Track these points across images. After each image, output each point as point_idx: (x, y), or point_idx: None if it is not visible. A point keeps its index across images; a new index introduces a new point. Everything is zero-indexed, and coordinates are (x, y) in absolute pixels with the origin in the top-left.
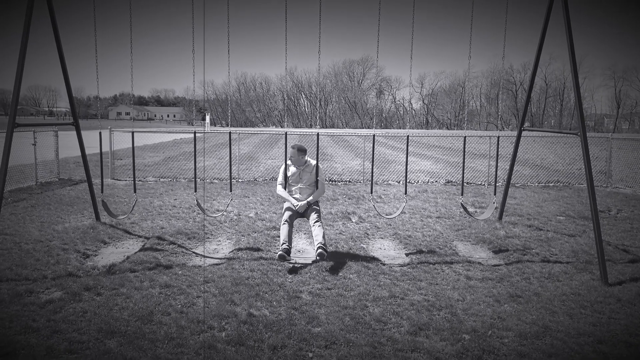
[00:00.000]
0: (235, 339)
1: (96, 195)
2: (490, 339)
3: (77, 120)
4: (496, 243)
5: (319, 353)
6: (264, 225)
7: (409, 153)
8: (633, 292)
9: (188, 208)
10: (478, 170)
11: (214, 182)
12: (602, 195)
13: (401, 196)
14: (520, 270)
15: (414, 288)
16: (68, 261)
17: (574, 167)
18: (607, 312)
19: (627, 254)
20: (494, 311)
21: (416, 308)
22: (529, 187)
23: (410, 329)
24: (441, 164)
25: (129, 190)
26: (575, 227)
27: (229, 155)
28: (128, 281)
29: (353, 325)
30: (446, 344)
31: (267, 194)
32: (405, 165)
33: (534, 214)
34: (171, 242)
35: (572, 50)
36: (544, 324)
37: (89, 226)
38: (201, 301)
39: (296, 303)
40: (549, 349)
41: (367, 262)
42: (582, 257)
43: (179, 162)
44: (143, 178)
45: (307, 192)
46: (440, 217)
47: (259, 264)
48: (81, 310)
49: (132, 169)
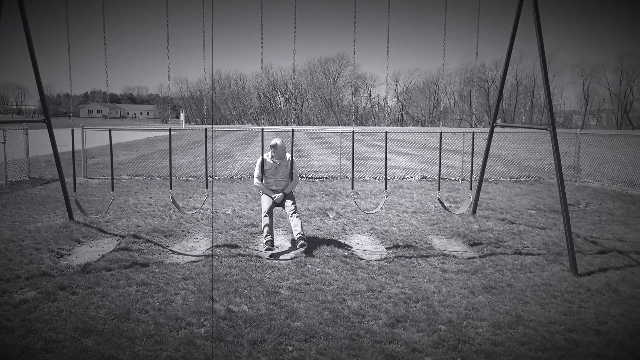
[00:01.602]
0: (214, 334)
1: (69, 194)
2: (465, 329)
3: (48, 118)
4: (470, 237)
5: (298, 347)
6: (241, 222)
7: (381, 149)
8: (602, 282)
9: (164, 206)
10: (452, 166)
11: (190, 179)
12: (571, 189)
13: (377, 192)
14: (493, 263)
15: (391, 282)
16: (41, 261)
17: (544, 162)
18: (577, 302)
19: (595, 245)
20: (469, 302)
21: (393, 301)
22: (501, 182)
23: (387, 322)
24: (416, 160)
25: (102, 188)
26: (545, 220)
27: (204, 152)
28: (104, 280)
29: (332, 319)
30: (423, 335)
31: (244, 191)
32: (384, 162)
33: (506, 208)
34: (147, 240)
35: (542, 49)
36: (516, 313)
37: (62, 225)
38: (179, 298)
39: (275, 298)
40: (522, 337)
41: (345, 257)
42: (553, 249)
43: (154, 160)
44: (117, 176)
45: (283, 183)
46: (416, 212)
47: (237, 261)
48: (56, 309)
49: (111, 167)
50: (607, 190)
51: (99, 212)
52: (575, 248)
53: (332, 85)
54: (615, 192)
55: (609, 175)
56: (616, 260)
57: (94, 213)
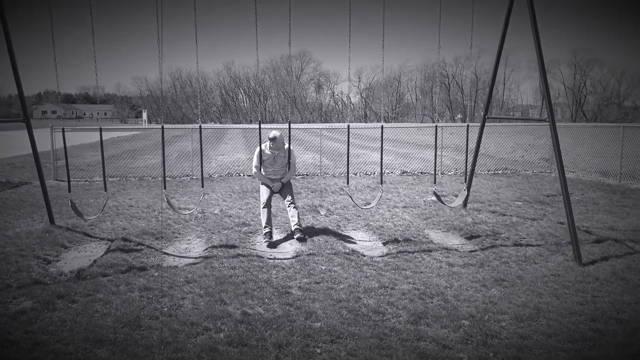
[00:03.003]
0: (235, 339)
1: (63, 195)
2: (488, 323)
3: (28, 118)
4: (466, 230)
5: (326, 348)
6: (232, 222)
7: (355, 145)
8: (608, 271)
9: (147, 207)
10: (429, 160)
11: (166, 179)
12: (549, 181)
13: (362, 188)
14: (497, 255)
15: (400, 277)
16: (30, 268)
17: (516, 155)
18: (590, 291)
19: (589, 234)
20: (484, 296)
21: (408, 297)
22: (480, 175)
23: (409, 319)
24: (391, 155)
25: (76, 191)
26: (534, 211)
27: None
28: (102, 286)
29: (353, 318)
30: (448, 331)
31: (227, 190)
32: (360, 158)
33: (494, 200)
34: (138, 243)
35: (539, 48)
36: (534, 305)
37: (44, 230)
38: (187, 302)
39: (288, 299)
40: (547, 329)
41: (347, 254)
42: (550, 240)
43: (125, 160)
44: (89, 178)
45: (281, 172)
46: (407, 207)
47: (239, 261)
48: (58, 319)
49: (102, 167)
50: (584, 180)
51: (88, 214)
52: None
53: (296, 82)
54: (593, 182)
55: (581, 166)
56: (614, 249)
57: (87, 215)
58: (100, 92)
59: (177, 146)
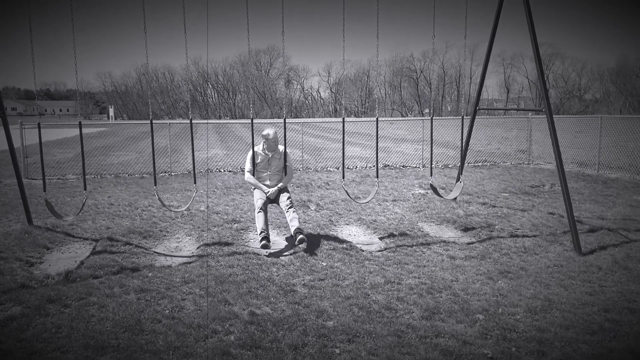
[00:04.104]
0: (248, 341)
1: (37, 194)
2: (503, 317)
3: (4, 113)
4: (460, 222)
5: (345, 348)
6: (221, 219)
7: (331, 140)
8: (608, 260)
9: (128, 205)
10: (407, 154)
11: (144, 176)
12: (529, 172)
13: (348, 182)
14: (496, 247)
15: (404, 272)
16: (13, 271)
17: (492, 147)
18: (596, 281)
19: (582, 224)
20: (492, 288)
21: (417, 292)
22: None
23: (423, 314)
24: (369, 149)
25: (51, 189)
26: (523, 202)
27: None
28: (94, 289)
29: (365, 316)
30: (465, 326)
31: (210, 187)
32: (338, 152)
33: (480, 192)
34: (126, 242)
35: (535, 42)
36: (544, 297)
37: (22, 231)
38: (189, 304)
39: (295, 297)
40: (563, 321)
41: (345, 250)
42: (544, 230)
43: (97, 157)
44: (62, 176)
45: (277, 178)
46: (396, 200)
47: (236, 259)
48: (52, 325)
49: (82, 164)
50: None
51: (66, 214)
52: (566, 228)
53: (265, 77)
54: (572, 172)
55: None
56: (610, 238)
57: (63, 215)
58: (61, 88)
59: (149, 142)
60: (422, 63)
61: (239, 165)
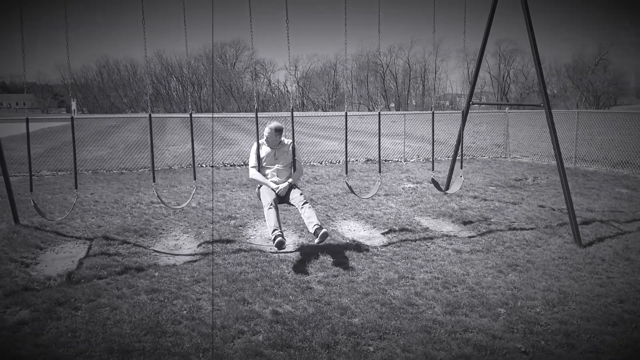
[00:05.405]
0: (278, 341)
1: (17, 193)
2: (523, 310)
3: None
4: (455, 216)
5: (378, 346)
6: (216, 215)
7: (308, 134)
8: (609, 251)
9: (114, 202)
10: (386, 148)
11: (123, 172)
12: (509, 165)
13: (335, 177)
14: (498, 240)
15: (415, 267)
16: (11, 273)
17: (467, 142)
18: (603, 272)
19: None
20: (505, 282)
21: (432, 287)
22: (442, 161)
23: (444, 309)
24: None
25: (21, 187)
26: (511, 195)
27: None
28: (102, 290)
29: (389, 312)
30: (489, 320)
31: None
32: (319, 147)
33: (468, 186)
34: (123, 241)
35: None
36: (558, 289)
37: (9, 230)
38: (205, 303)
39: (313, 294)
40: (582, 313)
41: (350, 245)
42: (540, 223)
43: (68, 153)
44: (37, 172)
45: (285, 174)
46: (388, 195)
47: (242, 257)
48: (67, 329)
49: (74, 161)
50: (541, 164)
51: (51, 213)
52: (560, 220)
53: (231, 71)
54: (550, 166)
55: (533, 150)
56: (604, 230)
57: (49, 214)
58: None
59: (119, 137)
60: (387, 58)
61: (220, 160)
